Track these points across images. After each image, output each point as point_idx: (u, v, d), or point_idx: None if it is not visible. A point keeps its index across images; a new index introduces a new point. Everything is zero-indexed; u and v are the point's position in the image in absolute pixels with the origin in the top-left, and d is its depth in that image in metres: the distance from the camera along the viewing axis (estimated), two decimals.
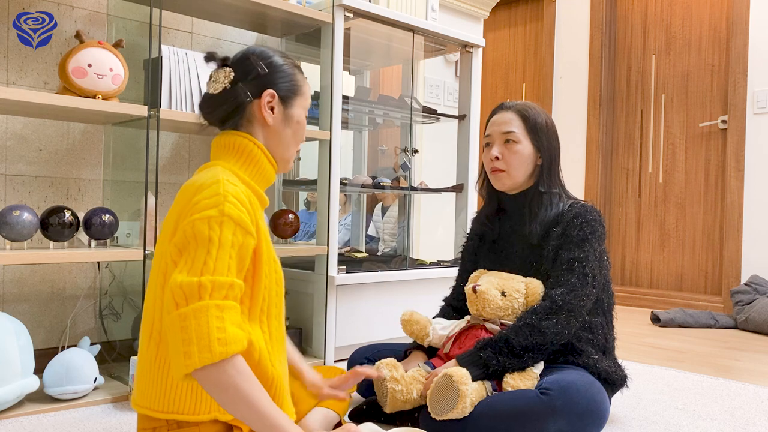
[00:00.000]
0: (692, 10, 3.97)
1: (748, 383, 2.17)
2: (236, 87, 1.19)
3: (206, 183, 1.08)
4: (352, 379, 1.34)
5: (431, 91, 3.38)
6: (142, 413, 1.12)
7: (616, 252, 4.27)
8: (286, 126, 1.23)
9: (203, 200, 1.05)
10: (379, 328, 2.44)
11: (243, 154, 1.19)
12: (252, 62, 1.20)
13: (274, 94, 1.20)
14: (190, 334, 0.95)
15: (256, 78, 1.19)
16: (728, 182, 3.69)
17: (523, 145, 1.65)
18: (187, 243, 1.03)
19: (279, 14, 2.22)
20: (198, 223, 1.03)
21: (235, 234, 1.05)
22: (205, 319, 0.96)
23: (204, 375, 0.95)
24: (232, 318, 0.99)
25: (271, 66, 1.21)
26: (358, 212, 3.11)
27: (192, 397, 1.08)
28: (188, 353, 0.94)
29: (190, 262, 1.01)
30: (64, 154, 2.10)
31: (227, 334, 0.96)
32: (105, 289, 2.18)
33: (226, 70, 1.20)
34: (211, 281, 0.99)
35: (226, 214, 1.04)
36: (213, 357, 0.94)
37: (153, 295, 1.11)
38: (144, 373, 1.11)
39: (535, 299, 1.56)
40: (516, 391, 1.43)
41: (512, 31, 4.90)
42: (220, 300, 0.99)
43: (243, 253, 1.06)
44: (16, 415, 1.63)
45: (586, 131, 4.35)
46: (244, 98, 1.19)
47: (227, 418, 1.10)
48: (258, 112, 1.20)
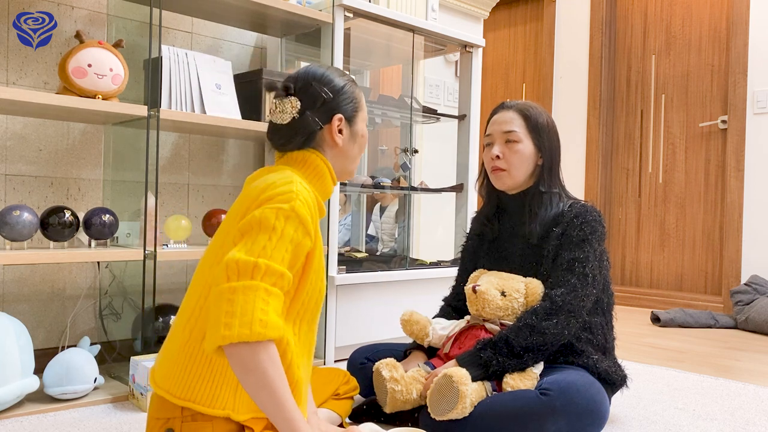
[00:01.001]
0: (692, 10, 3.97)
1: (748, 383, 2.17)
2: (305, 116, 1.23)
3: (280, 181, 1.13)
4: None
5: (431, 91, 3.38)
6: (158, 394, 1.13)
7: (616, 252, 4.27)
8: (354, 143, 1.30)
9: (277, 195, 1.10)
10: (379, 328, 2.44)
11: (310, 168, 1.24)
12: (316, 89, 1.24)
13: (341, 117, 1.26)
14: (236, 307, 0.98)
15: (323, 105, 1.24)
16: (728, 182, 3.69)
17: (524, 145, 1.65)
18: (251, 228, 1.07)
19: (279, 14, 2.22)
20: (267, 211, 1.07)
21: (297, 231, 1.09)
22: (252, 297, 0.99)
23: (237, 351, 0.97)
24: (276, 306, 1.02)
25: (335, 90, 1.26)
26: (358, 212, 3.11)
27: (211, 389, 1.09)
28: (229, 324, 0.96)
29: (250, 243, 1.05)
30: (64, 154, 2.10)
31: (269, 318, 0.99)
32: (105, 289, 2.18)
33: (292, 100, 1.23)
34: (266, 264, 1.02)
35: (295, 211, 1.09)
36: (251, 335, 0.96)
37: (202, 281, 1.14)
38: (171, 355, 1.13)
39: (534, 299, 1.56)
40: (516, 392, 1.43)
41: (512, 31, 4.90)
42: (269, 285, 1.02)
43: (298, 251, 1.10)
44: (16, 415, 1.63)
45: (586, 131, 4.35)
46: (315, 127, 1.23)
47: (240, 418, 1.10)
48: (328, 136, 1.25)
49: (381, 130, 3.28)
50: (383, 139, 3.33)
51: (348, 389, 1.58)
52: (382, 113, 2.75)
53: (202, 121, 1.97)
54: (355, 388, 1.61)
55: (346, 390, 1.57)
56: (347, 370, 1.78)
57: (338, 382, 1.56)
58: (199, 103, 2.03)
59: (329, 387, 1.53)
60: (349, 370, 1.79)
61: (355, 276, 2.33)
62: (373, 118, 2.90)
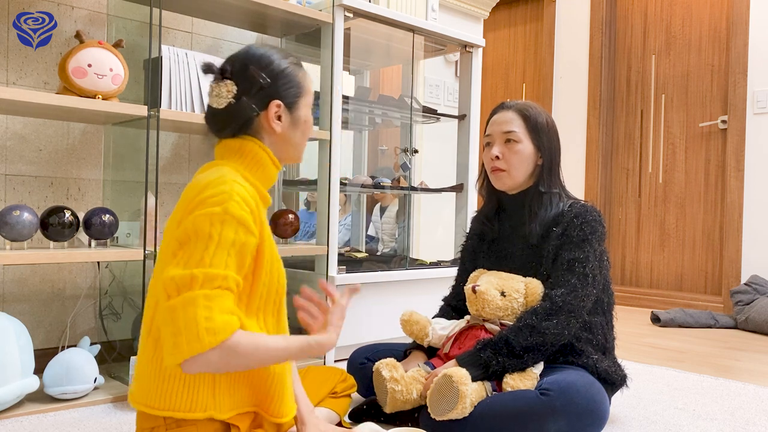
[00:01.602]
0: (692, 10, 3.97)
1: (748, 383, 2.17)
2: (241, 102, 1.16)
3: (213, 181, 1.08)
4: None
5: (431, 91, 3.38)
6: (139, 410, 1.12)
7: (616, 252, 4.27)
8: (295, 129, 1.23)
9: (209, 198, 1.06)
10: (379, 328, 2.44)
11: (248, 157, 1.18)
12: (254, 74, 1.17)
13: (280, 104, 1.19)
14: (179, 325, 0.97)
15: (261, 90, 1.17)
16: (728, 182, 3.69)
17: (524, 145, 1.65)
18: (188, 238, 1.04)
19: (279, 14, 2.22)
20: (200, 219, 1.04)
21: (237, 233, 1.05)
22: (192, 310, 0.97)
23: (203, 362, 0.98)
24: (222, 305, 1.00)
25: (273, 74, 1.18)
26: (358, 212, 3.11)
27: (188, 394, 1.08)
28: (177, 344, 0.96)
29: (187, 257, 1.02)
30: (64, 154, 2.10)
31: (215, 323, 0.97)
32: (105, 289, 2.18)
33: (228, 83, 1.17)
34: (203, 273, 1.00)
35: (230, 213, 1.05)
36: (202, 347, 0.96)
37: (154, 291, 1.12)
38: (142, 370, 1.12)
39: (534, 299, 1.56)
40: (516, 392, 1.42)
41: (512, 31, 4.90)
42: (209, 290, 1.00)
43: (244, 251, 1.07)
44: (16, 415, 1.63)
45: (586, 131, 4.35)
46: (250, 113, 1.17)
47: (223, 417, 1.10)
48: (266, 123, 1.19)
49: (381, 130, 3.28)
50: (383, 139, 3.33)
51: (345, 387, 1.58)
52: (382, 113, 2.75)
53: (202, 121, 1.97)
54: (352, 385, 1.60)
55: (344, 388, 1.57)
56: (347, 370, 1.79)
57: (335, 380, 1.56)
58: (199, 103, 2.03)
59: (326, 386, 1.53)
60: (349, 370, 1.79)
61: (355, 276, 2.33)
62: (373, 118, 2.90)
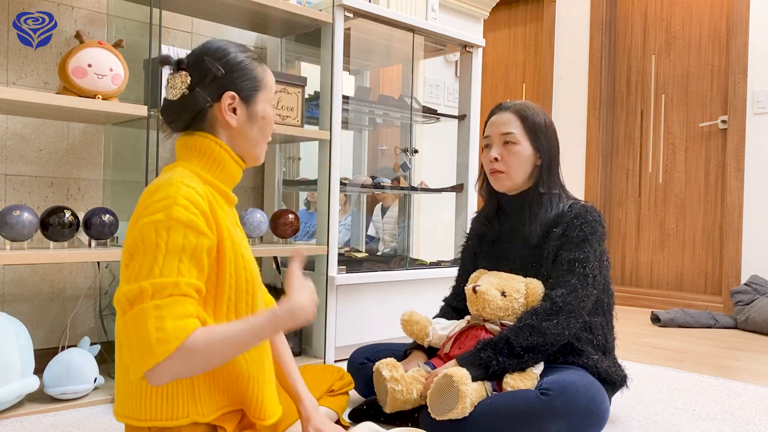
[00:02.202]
0: (692, 10, 3.97)
1: (748, 383, 2.17)
2: (194, 92, 1.14)
3: (161, 185, 1.07)
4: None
5: (431, 91, 3.38)
6: (123, 423, 1.12)
7: (616, 252, 4.27)
8: (252, 124, 1.19)
9: (153, 204, 1.04)
10: (379, 328, 2.44)
11: (205, 155, 1.16)
12: (207, 64, 1.15)
13: (234, 95, 1.16)
14: (132, 339, 0.97)
15: (214, 81, 1.15)
16: (728, 182, 3.69)
17: (522, 146, 1.65)
18: (136, 248, 1.03)
19: (279, 14, 2.22)
20: (145, 228, 1.02)
21: (187, 236, 1.03)
22: (143, 323, 0.96)
23: (164, 370, 0.97)
24: (173, 312, 0.98)
25: (228, 65, 1.16)
26: (358, 212, 3.11)
27: (168, 403, 1.07)
28: (134, 359, 0.97)
29: (137, 270, 1.01)
30: (64, 154, 2.10)
31: (166, 333, 0.96)
32: (105, 289, 2.18)
33: (182, 74, 1.15)
34: (152, 284, 0.98)
35: (174, 218, 1.02)
36: (156, 358, 0.95)
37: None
38: (121, 383, 1.11)
39: (535, 299, 1.56)
40: (516, 392, 1.43)
41: (512, 31, 4.90)
42: (159, 300, 0.98)
43: (198, 254, 1.04)
44: (16, 415, 1.63)
45: (586, 131, 4.35)
46: (203, 104, 1.15)
47: (206, 420, 1.09)
48: (220, 115, 1.16)
49: (381, 130, 3.28)
50: (383, 139, 3.33)
51: (342, 385, 1.58)
52: (383, 113, 2.75)
53: None
54: (349, 383, 1.60)
55: (341, 386, 1.57)
56: (347, 370, 1.79)
57: (332, 378, 1.56)
58: None
59: (323, 384, 1.53)
60: (349, 370, 1.79)
61: (355, 276, 2.33)
62: (373, 118, 2.90)
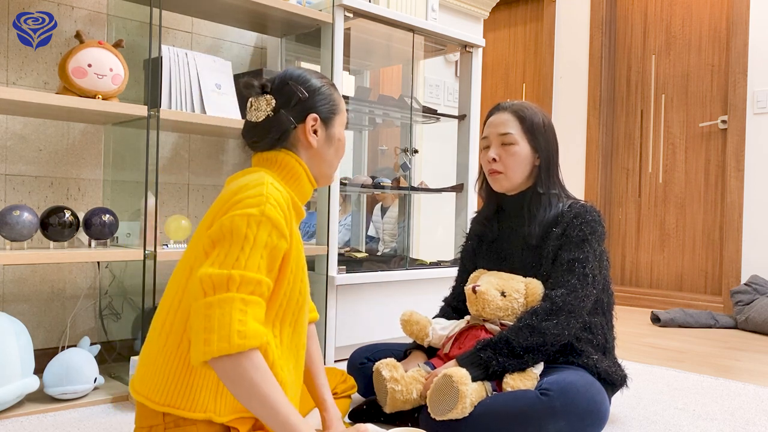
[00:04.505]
0: (692, 10, 3.97)
1: (748, 383, 2.17)
2: (279, 114, 1.22)
3: (251, 183, 1.11)
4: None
5: (431, 91, 3.38)
6: (139, 401, 1.13)
7: (616, 252, 4.27)
8: (329, 146, 1.28)
9: (246, 198, 1.08)
10: (379, 328, 2.44)
11: (284, 169, 1.22)
12: (292, 88, 1.23)
13: (316, 117, 1.24)
14: (213, 322, 0.98)
15: (298, 103, 1.23)
16: (728, 182, 3.69)
17: (521, 146, 1.65)
18: (223, 237, 1.06)
19: (279, 14, 2.22)
20: (237, 219, 1.06)
21: (271, 235, 1.07)
22: (228, 310, 0.98)
23: (220, 365, 0.98)
24: (255, 313, 1.02)
25: (311, 89, 1.24)
26: (358, 212, 3.11)
27: (190, 393, 1.09)
28: (208, 340, 0.97)
29: (223, 256, 1.04)
30: (64, 154, 2.10)
31: (248, 328, 0.99)
32: (105, 289, 2.18)
33: (267, 97, 1.23)
34: (240, 275, 1.01)
35: (266, 215, 1.07)
36: (231, 348, 0.96)
37: (176, 285, 1.13)
38: (149, 361, 1.12)
39: (534, 299, 1.56)
40: (516, 392, 1.42)
41: (512, 31, 4.90)
42: (246, 294, 1.01)
43: (275, 254, 1.09)
44: (16, 415, 1.63)
45: (586, 131, 4.35)
46: (288, 125, 1.22)
47: (222, 420, 1.10)
48: (302, 136, 1.24)
49: (381, 130, 3.28)
50: (383, 139, 3.32)
51: (345, 388, 1.58)
52: (383, 113, 2.75)
53: (202, 121, 1.97)
54: (352, 386, 1.61)
55: (344, 389, 1.57)
56: (347, 370, 1.79)
57: (335, 381, 1.56)
58: (199, 103, 2.03)
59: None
60: (349, 370, 1.79)
61: (355, 276, 2.33)
62: (373, 118, 2.90)
